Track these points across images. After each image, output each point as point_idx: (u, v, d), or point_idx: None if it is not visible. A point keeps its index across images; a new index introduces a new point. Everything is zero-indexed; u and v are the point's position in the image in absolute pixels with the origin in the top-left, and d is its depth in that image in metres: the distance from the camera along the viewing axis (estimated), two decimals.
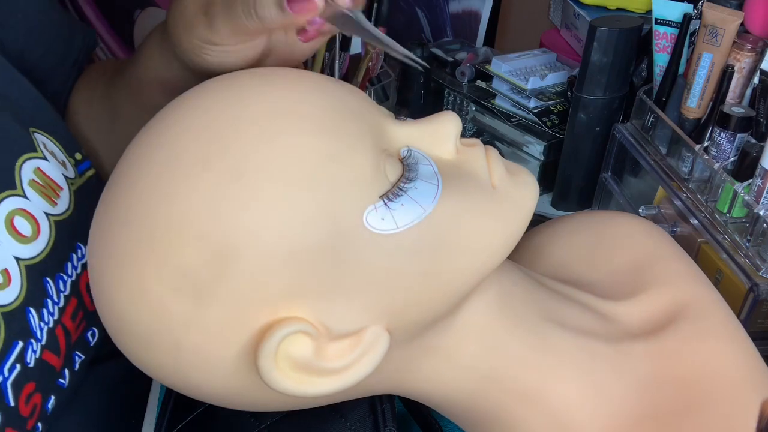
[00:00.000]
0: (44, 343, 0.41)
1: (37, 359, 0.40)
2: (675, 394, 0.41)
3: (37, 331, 0.40)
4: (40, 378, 0.41)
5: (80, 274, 0.44)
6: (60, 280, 0.43)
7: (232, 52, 0.41)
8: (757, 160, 0.57)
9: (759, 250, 0.56)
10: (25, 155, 0.41)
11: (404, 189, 0.34)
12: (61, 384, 0.43)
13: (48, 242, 0.41)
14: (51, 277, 0.42)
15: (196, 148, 0.33)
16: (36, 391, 0.40)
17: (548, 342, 0.41)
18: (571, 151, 0.80)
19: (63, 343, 0.43)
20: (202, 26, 0.40)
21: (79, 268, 0.44)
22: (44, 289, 0.41)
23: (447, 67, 0.93)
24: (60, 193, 0.43)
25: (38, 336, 0.40)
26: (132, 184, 0.34)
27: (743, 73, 0.62)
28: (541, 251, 0.52)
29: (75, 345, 0.45)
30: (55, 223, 0.42)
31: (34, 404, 0.40)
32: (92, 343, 0.47)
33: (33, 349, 0.40)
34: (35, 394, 0.40)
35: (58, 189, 0.43)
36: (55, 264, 0.42)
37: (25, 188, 0.41)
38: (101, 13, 1.13)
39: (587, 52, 0.73)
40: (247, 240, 0.32)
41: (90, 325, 0.46)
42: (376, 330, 0.34)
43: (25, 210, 0.40)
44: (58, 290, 0.42)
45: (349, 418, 0.44)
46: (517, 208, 0.38)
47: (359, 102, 0.37)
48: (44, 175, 0.42)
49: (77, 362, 0.45)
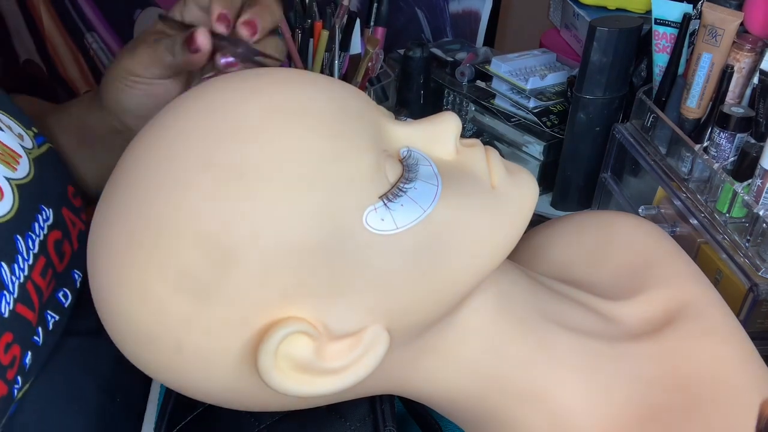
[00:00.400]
0: (16, 296, 0.43)
1: (11, 311, 0.42)
2: (675, 394, 0.41)
3: (9, 284, 0.42)
4: (17, 330, 0.43)
5: (47, 234, 0.46)
6: (29, 239, 0.44)
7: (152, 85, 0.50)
8: (756, 160, 0.57)
9: (759, 250, 0.56)
10: None
11: (404, 189, 0.34)
12: (36, 341, 0.45)
13: (13, 204, 0.44)
14: (21, 235, 0.44)
15: (196, 148, 0.33)
16: (14, 342, 0.42)
17: (548, 342, 0.41)
18: (571, 151, 0.80)
19: (35, 299, 0.44)
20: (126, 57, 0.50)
21: (45, 229, 0.46)
22: (15, 246, 0.43)
23: (447, 67, 0.93)
24: (19, 160, 0.45)
25: (10, 289, 0.42)
26: (132, 185, 0.34)
27: (743, 73, 0.62)
28: (540, 251, 0.52)
29: (47, 303, 0.46)
30: (17, 186, 0.44)
31: (13, 355, 0.42)
32: (65, 305, 0.49)
33: (6, 300, 0.42)
34: (13, 345, 0.42)
35: (17, 156, 0.45)
36: (23, 224, 0.44)
37: None
38: (101, 13, 1.13)
39: (587, 52, 0.73)
40: (247, 240, 0.32)
41: (60, 285, 0.48)
42: (375, 330, 0.34)
43: None
44: (28, 248, 0.44)
45: (348, 418, 0.45)
46: (516, 208, 0.38)
47: (359, 102, 0.37)
48: (2, 144, 0.45)
49: (50, 322, 0.47)
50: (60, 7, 1.12)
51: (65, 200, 0.49)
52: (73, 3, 1.11)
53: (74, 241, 0.49)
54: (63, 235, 0.48)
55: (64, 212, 0.48)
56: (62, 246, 0.48)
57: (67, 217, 0.49)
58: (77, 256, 0.50)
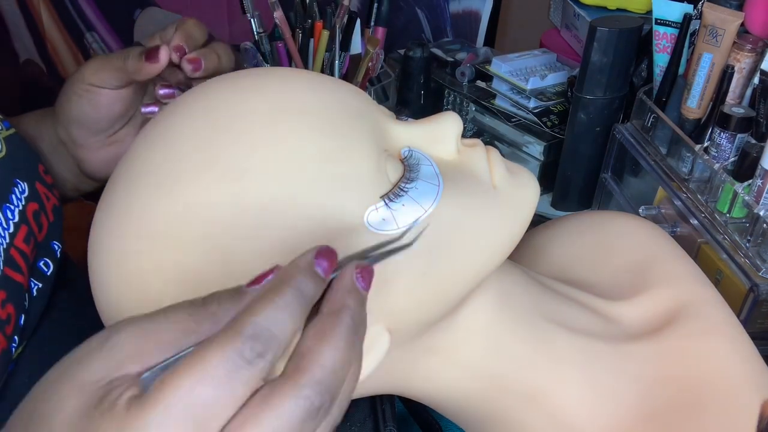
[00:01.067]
0: (3, 260, 0.44)
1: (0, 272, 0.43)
2: (675, 394, 0.41)
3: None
4: (9, 290, 0.44)
5: (25, 206, 0.48)
6: (7, 209, 0.46)
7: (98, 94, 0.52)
8: (757, 160, 0.57)
9: (759, 250, 0.56)
10: None
11: (405, 189, 0.34)
12: (26, 306, 0.46)
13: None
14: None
15: (196, 147, 0.33)
16: (8, 300, 0.43)
17: (549, 342, 0.41)
18: (571, 152, 0.80)
19: (23, 263, 0.46)
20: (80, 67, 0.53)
21: (23, 200, 0.48)
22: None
23: (447, 67, 0.93)
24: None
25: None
26: (133, 183, 0.34)
27: (743, 74, 0.62)
28: (541, 251, 0.52)
29: (31, 271, 0.48)
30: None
31: (8, 313, 0.43)
32: (48, 274, 0.50)
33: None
34: (8, 303, 0.43)
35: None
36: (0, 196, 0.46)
37: None
38: (101, 13, 1.13)
39: (587, 53, 0.73)
40: (246, 239, 0.32)
41: (41, 255, 0.50)
42: (376, 330, 0.34)
43: None
44: (7, 218, 0.45)
45: (349, 418, 0.45)
46: (518, 208, 0.38)
47: (360, 102, 0.37)
48: None
49: (34, 289, 0.48)
50: (60, 7, 1.12)
51: (38, 176, 0.50)
52: (73, 3, 1.11)
53: (50, 214, 0.51)
54: (39, 207, 0.50)
55: (38, 186, 0.50)
56: (40, 217, 0.49)
57: (41, 191, 0.50)
58: (54, 227, 0.51)
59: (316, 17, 0.75)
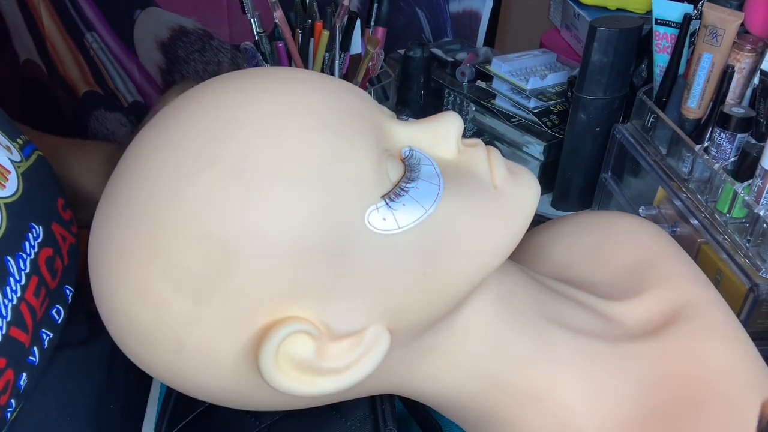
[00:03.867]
0: (9, 319, 0.42)
1: (4, 335, 0.41)
2: (675, 393, 0.41)
3: (1, 308, 0.42)
4: (11, 354, 0.42)
5: (38, 252, 0.46)
6: (19, 258, 0.44)
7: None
8: (757, 160, 0.57)
9: (759, 250, 0.56)
10: None
11: (406, 189, 0.34)
12: (32, 362, 0.45)
13: (1, 224, 0.43)
14: (11, 256, 0.43)
15: (197, 147, 0.33)
16: (7, 367, 0.42)
17: (549, 342, 0.41)
18: (571, 152, 0.80)
19: (29, 320, 0.44)
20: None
21: (36, 247, 0.46)
22: (6, 268, 0.43)
23: (447, 67, 0.93)
24: (8, 176, 0.45)
25: (3, 313, 0.42)
26: (133, 184, 0.34)
27: (743, 74, 0.62)
28: (541, 251, 0.52)
29: (41, 322, 0.46)
30: (5, 205, 0.44)
31: (6, 380, 0.42)
32: (58, 321, 0.48)
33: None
34: (7, 370, 0.42)
35: (6, 173, 0.45)
36: (13, 244, 0.44)
37: None
38: (101, 13, 1.13)
39: (587, 53, 0.73)
40: (248, 239, 0.32)
41: (53, 303, 0.48)
42: (377, 330, 0.34)
43: None
44: (19, 268, 0.44)
45: (349, 418, 0.45)
46: (518, 208, 0.38)
47: (361, 102, 0.37)
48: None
49: (45, 340, 0.46)
50: (60, 6, 1.12)
51: (55, 214, 0.48)
52: (73, 3, 1.11)
53: (65, 256, 0.49)
54: (54, 251, 0.48)
55: (54, 228, 0.48)
56: (54, 263, 0.47)
57: (57, 232, 0.48)
58: (68, 270, 0.49)
59: (316, 17, 0.75)
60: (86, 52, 1.16)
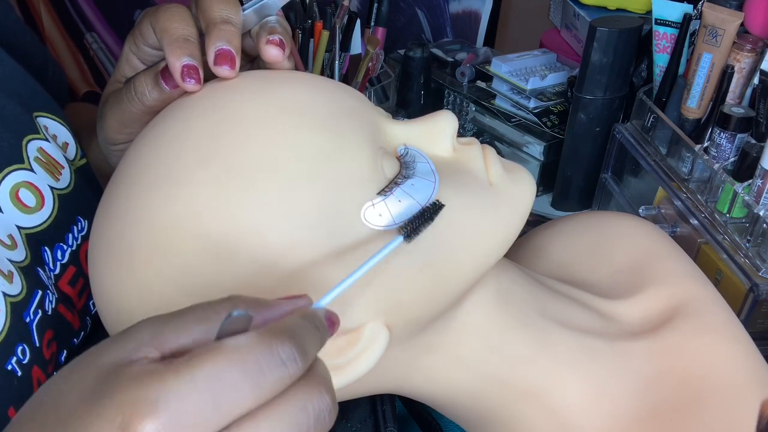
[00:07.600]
0: (57, 296, 0.44)
1: (54, 309, 0.43)
2: (675, 392, 0.41)
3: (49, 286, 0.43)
4: (58, 328, 0.43)
5: (80, 244, 0.47)
6: (59, 249, 0.45)
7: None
8: (757, 160, 0.57)
9: (759, 250, 0.56)
10: (29, 136, 0.44)
11: (401, 185, 0.35)
12: (74, 342, 0.46)
13: (51, 213, 0.44)
14: (49, 246, 0.44)
15: (195, 147, 0.33)
16: (53, 339, 0.43)
17: (548, 340, 0.41)
18: (571, 152, 0.80)
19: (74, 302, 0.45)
20: (99, 129, 0.43)
21: (79, 239, 0.47)
22: (41, 257, 0.43)
23: (447, 67, 0.93)
24: (62, 171, 0.46)
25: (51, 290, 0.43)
26: (132, 184, 0.34)
27: (743, 74, 0.62)
28: (541, 251, 0.52)
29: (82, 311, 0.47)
30: (58, 196, 0.45)
31: (52, 352, 0.43)
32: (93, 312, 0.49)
33: (49, 299, 0.43)
34: (53, 342, 0.43)
35: (60, 167, 0.46)
36: (56, 234, 0.45)
37: (32, 163, 0.44)
38: (101, 14, 1.13)
39: (587, 53, 0.73)
40: (246, 237, 0.32)
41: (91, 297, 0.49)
42: (375, 326, 0.34)
43: (31, 183, 0.43)
44: (55, 259, 0.45)
45: (349, 418, 0.45)
46: (514, 205, 0.38)
47: (356, 101, 0.37)
48: (47, 153, 0.45)
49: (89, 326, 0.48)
50: (60, 7, 1.12)
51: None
52: (73, 3, 1.11)
53: None
54: None
55: None
56: None
57: None
58: None
59: (316, 17, 0.75)
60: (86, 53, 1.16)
